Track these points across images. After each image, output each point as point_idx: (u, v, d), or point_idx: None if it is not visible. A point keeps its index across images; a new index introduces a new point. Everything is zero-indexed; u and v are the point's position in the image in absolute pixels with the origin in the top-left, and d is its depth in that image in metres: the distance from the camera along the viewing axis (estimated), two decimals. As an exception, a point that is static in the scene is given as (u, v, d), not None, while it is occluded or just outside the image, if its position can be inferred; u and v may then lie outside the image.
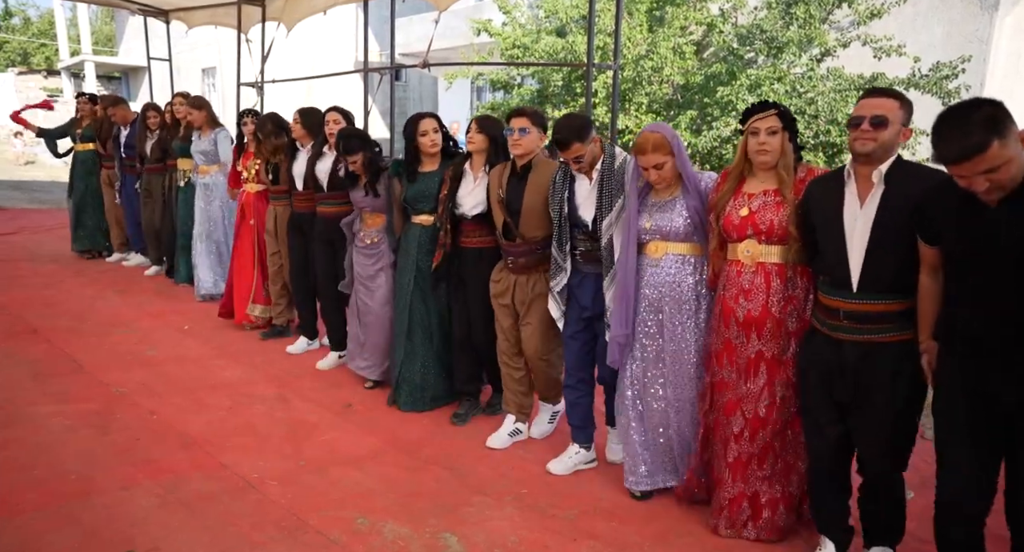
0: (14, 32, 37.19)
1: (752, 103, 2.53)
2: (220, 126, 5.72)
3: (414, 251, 3.62)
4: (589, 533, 2.65)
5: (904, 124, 2.16)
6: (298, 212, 4.50)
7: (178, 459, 3.12)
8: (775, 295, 2.44)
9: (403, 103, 19.18)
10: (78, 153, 7.11)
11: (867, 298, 2.17)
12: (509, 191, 3.19)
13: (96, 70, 24.19)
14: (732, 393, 2.56)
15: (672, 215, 2.68)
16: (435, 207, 3.54)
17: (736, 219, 2.48)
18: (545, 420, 3.51)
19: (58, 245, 8.01)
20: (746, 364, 2.51)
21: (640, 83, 9.37)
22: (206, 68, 20.67)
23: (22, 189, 13.86)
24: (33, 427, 3.37)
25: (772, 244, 2.44)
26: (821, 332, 2.31)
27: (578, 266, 3.03)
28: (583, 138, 2.83)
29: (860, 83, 8.34)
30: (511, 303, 3.28)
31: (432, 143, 3.54)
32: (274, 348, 4.72)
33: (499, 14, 11.16)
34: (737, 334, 2.51)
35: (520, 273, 3.23)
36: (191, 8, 8.04)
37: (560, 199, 3.00)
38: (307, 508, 2.75)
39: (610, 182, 2.87)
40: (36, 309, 5.35)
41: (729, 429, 2.57)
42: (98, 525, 2.58)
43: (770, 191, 2.46)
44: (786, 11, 8.65)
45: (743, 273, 2.48)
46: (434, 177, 3.56)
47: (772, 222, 2.42)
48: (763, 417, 2.51)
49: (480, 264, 3.42)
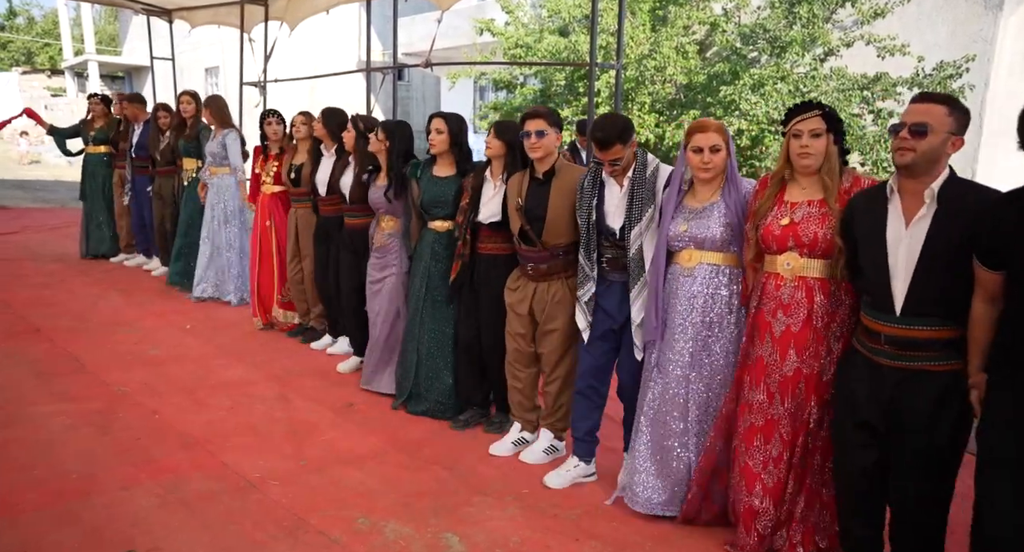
0: (18, 31, 37.30)
1: (795, 103, 2.39)
2: (231, 127, 5.65)
3: (427, 257, 3.56)
4: (591, 533, 2.64)
5: (955, 133, 1.98)
6: (325, 217, 4.47)
7: (179, 459, 3.12)
8: (819, 311, 2.29)
9: (406, 103, 19.19)
10: (89, 155, 7.04)
11: (911, 323, 2.02)
12: (530, 198, 3.08)
13: (99, 70, 24.27)
14: (761, 415, 2.41)
15: (709, 222, 2.54)
16: (450, 213, 3.49)
17: (776, 229, 2.34)
18: (540, 448, 3.23)
19: (61, 244, 8.02)
20: (781, 383, 2.36)
21: (643, 82, 9.36)
22: (209, 67, 20.70)
23: (26, 188, 13.89)
24: (35, 426, 3.37)
25: (815, 257, 2.29)
26: (861, 353, 2.17)
27: (604, 274, 2.92)
28: (625, 140, 2.74)
29: (863, 83, 8.32)
30: (528, 311, 3.16)
31: (431, 143, 3.50)
32: (275, 347, 4.72)
33: (502, 14, 11.16)
34: (771, 351, 2.36)
35: (540, 280, 3.11)
36: (194, 7, 8.05)
37: (589, 206, 2.88)
38: (308, 508, 2.75)
39: (641, 190, 2.76)
40: (39, 308, 5.35)
41: (764, 453, 2.41)
42: (99, 524, 2.58)
43: (814, 201, 2.31)
44: (789, 10, 8.63)
45: (782, 287, 2.33)
46: (450, 183, 3.50)
47: (816, 235, 2.27)
48: (803, 440, 2.37)
49: (494, 271, 3.34)
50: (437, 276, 3.54)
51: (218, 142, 5.58)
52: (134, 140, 6.58)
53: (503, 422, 3.50)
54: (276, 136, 4.89)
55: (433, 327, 3.59)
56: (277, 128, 4.88)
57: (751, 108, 8.35)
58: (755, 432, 2.43)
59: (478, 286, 3.41)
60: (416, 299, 3.61)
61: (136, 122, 6.60)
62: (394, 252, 3.82)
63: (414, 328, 3.64)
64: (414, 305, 3.63)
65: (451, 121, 3.51)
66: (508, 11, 10.86)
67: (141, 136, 6.52)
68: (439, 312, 3.58)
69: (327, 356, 4.59)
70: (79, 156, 7.30)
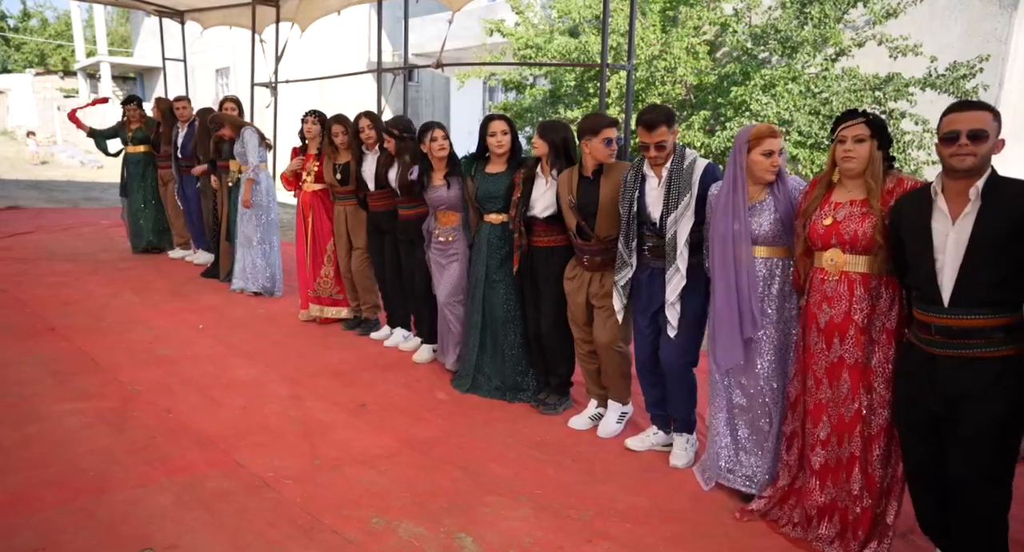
0: (32, 33, 37.63)
1: (845, 111, 2.53)
2: (245, 124, 5.83)
3: (484, 248, 3.82)
4: (604, 534, 2.64)
5: (997, 135, 2.13)
6: (375, 212, 4.64)
7: (194, 457, 3.14)
8: (858, 303, 2.44)
9: (415, 103, 19.23)
10: (129, 155, 7.27)
11: (960, 313, 2.12)
12: (581, 195, 3.33)
13: (111, 71, 24.43)
14: (813, 399, 2.57)
15: (760, 219, 2.72)
16: (503, 207, 3.73)
17: (820, 228, 2.50)
18: (613, 420, 3.52)
19: (75, 244, 8.10)
20: (828, 369, 2.52)
21: (653, 83, 9.34)
22: (220, 68, 20.81)
23: (39, 188, 14.02)
24: (51, 424, 3.40)
25: (856, 254, 2.44)
26: (916, 346, 2.28)
27: (646, 261, 3.14)
28: (670, 124, 2.97)
29: (875, 83, 8.28)
30: (585, 299, 3.43)
31: (499, 144, 3.70)
32: (288, 347, 4.75)
33: (512, 14, 11.17)
34: (817, 340, 2.53)
35: (596, 270, 3.38)
36: (206, 9, 8.11)
37: (630, 198, 3.12)
38: (322, 507, 2.76)
39: (679, 181, 2.99)
40: (54, 308, 5.40)
41: (814, 435, 2.58)
42: (116, 522, 2.60)
43: (856, 202, 2.46)
44: (801, 11, 8.60)
45: (827, 281, 2.50)
46: (502, 178, 3.73)
47: (856, 233, 2.42)
48: (849, 422, 2.49)
49: (551, 262, 3.59)
50: (494, 265, 3.81)
51: (238, 142, 5.74)
52: (179, 142, 6.80)
53: (556, 404, 3.75)
54: (311, 134, 5.02)
55: (492, 313, 3.85)
56: (313, 127, 5.00)
57: (762, 109, 8.32)
58: (808, 414, 2.61)
59: (538, 279, 3.67)
60: (478, 290, 3.87)
61: (185, 121, 6.79)
62: (457, 242, 4.04)
63: (475, 317, 3.90)
64: (476, 296, 3.88)
65: (511, 123, 3.76)
66: (518, 12, 10.87)
67: (185, 137, 6.73)
68: (497, 298, 3.83)
69: (339, 356, 4.61)
70: (119, 155, 7.53)
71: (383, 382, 4.18)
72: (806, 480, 2.63)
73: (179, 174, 6.88)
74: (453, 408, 3.82)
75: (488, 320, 3.88)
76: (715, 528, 2.69)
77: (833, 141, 2.51)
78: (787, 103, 8.29)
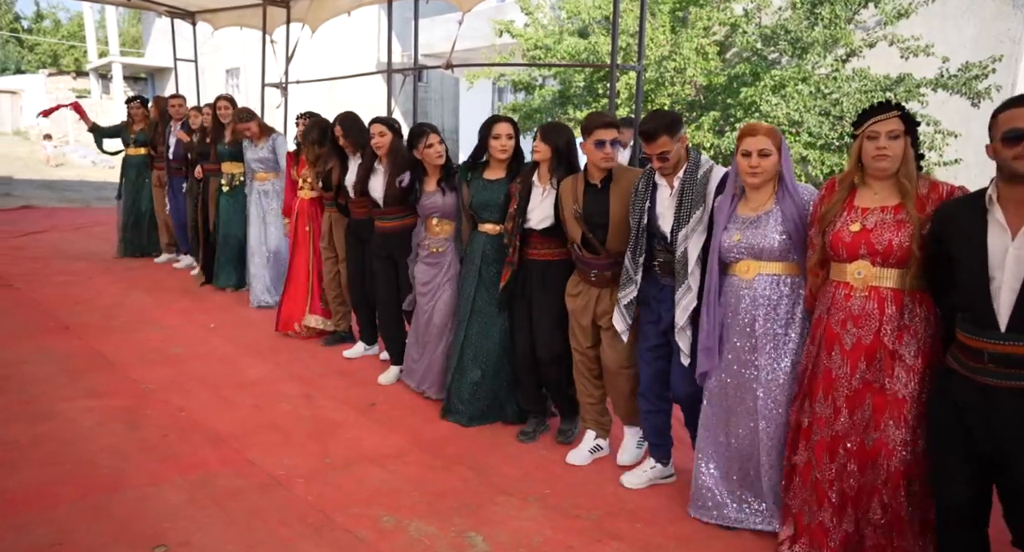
0: (45, 34, 37.96)
1: (871, 104, 2.26)
2: (275, 132, 5.58)
3: (478, 260, 3.48)
4: (613, 534, 2.65)
5: None
6: (356, 220, 4.35)
7: (206, 455, 3.17)
8: (889, 323, 2.18)
9: (424, 104, 19.27)
10: (129, 157, 7.16)
11: (1020, 340, 1.86)
12: (587, 204, 3.02)
13: (123, 71, 24.60)
14: (828, 430, 2.30)
15: (765, 231, 2.45)
16: (500, 218, 3.41)
17: (847, 236, 2.22)
18: (632, 445, 3.21)
19: (88, 243, 8.16)
20: (850, 396, 2.25)
21: (663, 84, 9.33)
22: (230, 69, 20.93)
23: (53, 188, 14.15)
24: (65, 422, 3.43)
25: (888, 267, 2.17)
26: (960, 373, 2.00)
27: (657, 278, 2.86)
28: (672, 133, 2.68)
29: (886, 84, 8.25)
30: (592, 319, 3.10)
31: (502, 148, 3.39)
32: (299, 347, 4.77)
33: (521, 15, 11.18)
34: (840, 364, 2.25)
35: (605, 286, 3.05)
36: (217, 10, 8.15)
37: (641, 208, 2.83)
38: (333, 505, 2.78)
39: (691, 191, 2.71)
40: (67, 306, 5.45)
41: (828, 469, 2.31)
42: (129, 519, 2.62)
43: (888, 207, 2.19)
44: (811, 11, 8.57)
45: (852, 297, 2.22)
46: (501, 186, 3.42)
47: (891, 242, 2.15)
48: (869, 451, 2.23)
49: (547, 278, 3.26)
50: (488, 280, 3.47)
51: (266, 148, 5.47)
52: (170, 141, 6.66)
53: (572, 430, 3.44)
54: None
55: (483, 333, 3.51)
56: None
57: (772, 110, 8.30)
58: (823, 446, 2.32)
59: (531, 293, 3.32)
60: (466, 303, 3.53)
61: (180, 119, 6.65)
62: (448, 256, 3.73)
63: (462, 333, 3.54)
64: (464, 310, 3.54)
65: (517, 126, 3.48)
66: (528, 12, 10.88)
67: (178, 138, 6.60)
68: (489, 318, 3.49)
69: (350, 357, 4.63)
70: (116, 156, 7.42)
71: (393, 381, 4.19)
72: (821, 516, 2.34)
73: (169, 176, 6.71)
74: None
75: (475, 339, 3.51)
76: (723, 531, 2.69)
77: (857, 137, 2.22)
78: (797, 104, 8.27)
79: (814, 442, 2.35)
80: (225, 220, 5.91)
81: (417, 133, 3.72)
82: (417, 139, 3.69)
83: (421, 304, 3.83)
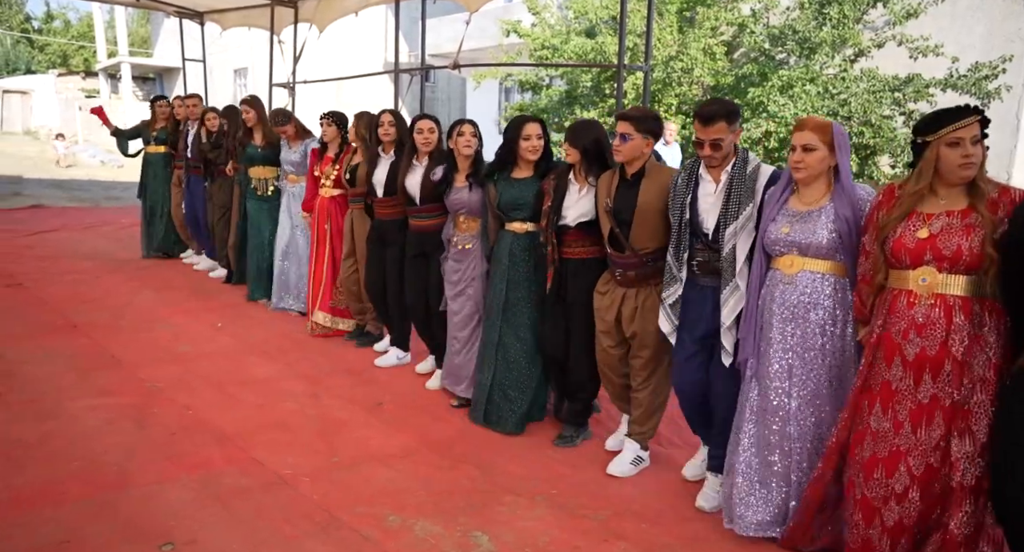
0: (55, 35, 38.22)
1: (946, 108, 2.14)
2: (311, 135, 5.46)
3: (506, 260, 3.45)
4: (620, 534, 2.64)
5: None
6: (380, 221, 4.31)
7: (212, 453, 3.17)
8: (957, 333, 2.07)
9: (431, 103, 19.29)
10: (150, 155, 7.17)
11: None
12: (618, 199, 2.98)
13: (132, 71, 24.74)
14: (885, 445, 2.18)
15: (815, 227, 2.39)
16: (530, 216, 3.40)
17: (911, 242, 2.13)
18: (627, 460, 3.11)
19: (97, 243, 8.20)
20: (915, 411, 2.14)
21: (670, 84, 9.32)
22: (238, 69, 21.01)
23: (63, 188, 14.22)
24: (73, 420, 3.45)
25: (956, 273, 2.08)
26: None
27: (695, 278, 2.78)
28: (731, 120, 2.62)
29: (895, 84, 8.22)
30: (615, 318, 3.06)
31: (533, 149, 3.37)
32: (305, 346, 4.78)
33: (528, 15, 11.18)
34: (902, 376, 2.15)
35: (629, 286, 3.01)
36: (225, 10, 8.18)
37: (682, 203, 2.76)
38: (339, 504, 2.78)
39: (740, 187, 2.63)
40: (76, 305, 5.47)
41: (886, 487, 2.19)
42: (136, 517, 2.63)
43: (955, 212, 2.10)
44: (819, 11, 8.55)
45: (916, 305, 2.13)
46: (529, 184, 3.40)
47: (960, 248, 2.06)
48: (936, 468, 2.12)
49: (582, 276, 3.21)
50: (516, 279, 3.44)
51: (299, 152, 5.34)
52: (189, 140, 6.66)
53: (573, 436, 3.38)
54: (329, 137, 4.84)
55: (513, 333, 3.47)
56: (329, 130, 4.82)
57: (779, 110, 8.28)
58: (876, 463, 2.21)
59: (566, 292, 3.27)
60: (496, 303, 3.49)
61: (194, 119, 6.65)
62: (475, 253, 3.70)
63: (493, 333, 3.51)
64: (495, 309, 3.50)
65: (545, 126, 3.46)
66: (535, 12, 10.89)
67: (195, 136, 6.60)
68: (520, 318, 3.46)
69: (356, 355, 4.63)
70: (137, 156, 7.42)
71: (400, 381, 4.19)
72: (875, 538, 2.22)
73: (187, 174, 6.71)
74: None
75: (506, 339, 3.47)
76: (732, 529, 2.68)
77: (927, 143, 2.11)
78: (805, 104, 8.24)
79: (864, 457, 2.23)
80: (256, 226, 5.76)
81: (453, 125, 3.75)
82: (452, 130, 3.72)
83: (449, 302, 3.83)
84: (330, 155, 4.87)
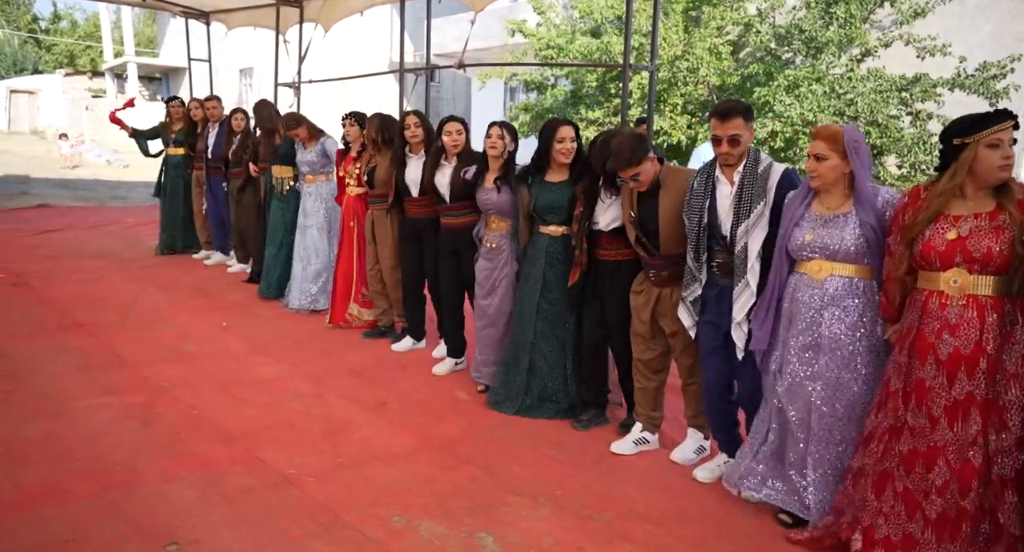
0: (62, 35, 38.38)
1: (983, 112, 2.17)
2: (325, 135, 5.50)
3: (541, 262, 3.54)
4: (625, 536, 2.63)
5: None
6: (415, 219, 4.38)
7: (217, 453, 3.18)
8: (989, 332, 2.13)
9: (436, 103, 19.31)
10: (169, 157, 7.25)
11: None
12: (641, 209, 3.09)
13: (138, 71, 24.84)
14: (924, 441, 2.23)
15: (842, 232, 2.43)
16: (565, 220, 3.48)
17: (941, 244, 2.17)
18: (690, 449, 3.23)
19: (103, 242, 8.23)
20: (950, 407, 2.18)
21: (675, 84, 9.30)
22: (243, 68, 21.07)
23: (69, 187, 14.28)
24: (78, 419, 3.46)
25: (987, 274, 2.13)
26: None
27: (715, 279, 2.88)
28: (747, 117, 2.72)
29: (902, 84, 8.18)
30: (651, 317, 3.17)
31: (567, 152, 3.44)
32: (310, 346, 4.79)
33: (533, 15, 11.18)
34: (936, 374, 2.20)
35: (663, 286, 3.12)
36: (231, 10, 8.21)
37: (700, 206, 2.84)
38: (343, 504, 2.78)
39: (752, 186, 2.72)
40: (82, 304, 5.49)
41: (928, 481, 2.23)
42: (142, 516, 2.63)
43: (983, 214, 2.15)
44: (826, 11, 8.52)
45: (948, 306, 2.18)
46: (564, 188, 3.47)
47: (990, 249, 2.10)
48: (977, 468, 2.16)
49: (618, 277, 3.33)
50: (553, 281, 3.53)
51: (316, 151, 5.38)
52: (210, 142, 6.71)
53: (590, 421, 3.55)
54: (351, 137, 4.93)
55: (544, 334, 3.58)
56: (351, 130, 4.90)
57: (785, 110, 8.25)
58: (917, 457, 2.26)
59: (603, 292, 3.39)
60: (530, 304, 3.58)
61: (216, 121, 6.72)
62: (505, 253, 3.81)
63: (527, 333, 3.60)
64: (528, 310, 3.59)
65: (577, 129, 3.53)
66: (540, 12, 10.88)
67: (217, 137, 6.66)
68: (553, 318, 3.57)
69: (361, 355, 4.64)
70: (159, 157, 7.49)
71: (404, 381, 4.19)
72: (917, 531, 2.25)
73: (208, 175, 6.80)
74: (473, 407, 3.83)
75: (537, 340, 3.59)
76: (737, 530, 2.67)
77: (966, 145, 2.13)
78: (811, 104, 8.21)
79: (906, 451, 2.28)
80: (273, 225, 5.80)
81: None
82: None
83: (479, 299, 3.95)
84: (352, 155, 4.98)
